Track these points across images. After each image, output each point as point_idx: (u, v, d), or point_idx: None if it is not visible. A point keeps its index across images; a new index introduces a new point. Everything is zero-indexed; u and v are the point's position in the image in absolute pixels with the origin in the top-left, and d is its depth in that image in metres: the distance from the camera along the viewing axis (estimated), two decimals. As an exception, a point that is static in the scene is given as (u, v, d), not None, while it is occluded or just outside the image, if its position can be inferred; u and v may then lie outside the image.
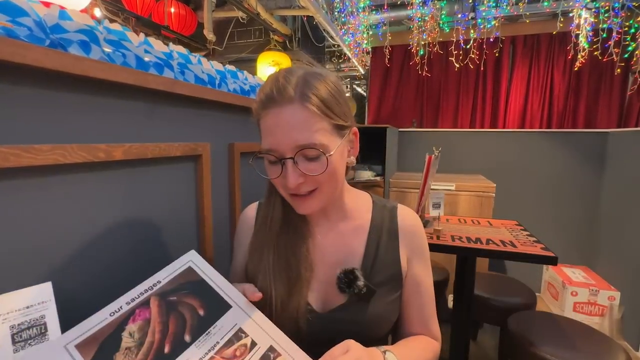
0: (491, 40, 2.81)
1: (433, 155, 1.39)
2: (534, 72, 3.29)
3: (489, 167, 2.80)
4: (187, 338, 0.43)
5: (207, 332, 0.45)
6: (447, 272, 1.97)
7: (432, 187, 1.92)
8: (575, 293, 2.20)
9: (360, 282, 0.55)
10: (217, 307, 0.48)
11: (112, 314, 0.43)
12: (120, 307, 0.43)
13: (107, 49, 0.58)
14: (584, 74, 3.11)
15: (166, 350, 0.41)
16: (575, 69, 2.71)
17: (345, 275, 0.53)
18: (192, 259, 0.52)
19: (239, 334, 0.46)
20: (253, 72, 1.06)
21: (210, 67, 0.86)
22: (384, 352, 0.51)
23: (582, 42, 2.51)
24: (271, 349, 0.46)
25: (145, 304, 0.45)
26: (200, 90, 0.70)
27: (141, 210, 0.62)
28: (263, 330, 0.47)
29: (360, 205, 0.65)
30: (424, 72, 3.22)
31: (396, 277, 0.60)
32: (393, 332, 0.66)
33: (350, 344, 0.45)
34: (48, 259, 0.47)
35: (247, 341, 0.45)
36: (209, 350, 0.43)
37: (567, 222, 2.64)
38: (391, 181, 2.46)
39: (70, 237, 0.49)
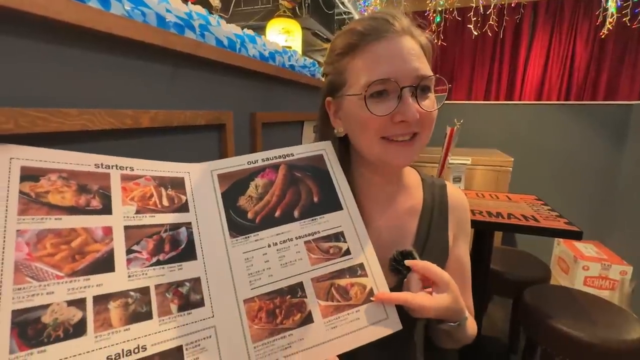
0: (512, 5, 2.63)
1: (455, 127, 1.34)
2: (555, 40, 3.12)
3: (504, 140, 2.73)
4: (295, 214, 0.47)
5: (313, 218, 0.48)
6: (461, 246, 1.96)
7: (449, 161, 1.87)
8: (587, 267, 2.20)
9: None
10: (331, 202, 0.50)
11: (249, 163, 0.49)
12: (257, 160, 0.49)
13: (127, 6, 0.54)
14: (609, 42, 2.93)
15: (276, 214, 0.46)
16: (602, 35, 2.55)
17: (404, 257, 0.49)
18: (326, 149, 0.54)
19: (339, 237, 0.47)
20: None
21: (229, 30, 0.81)
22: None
23: (612, 7, 2.34)
24: (361, 265, 0.46)
25: (275, 167, 0.50)
26: (225, 54, 0.66)
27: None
28: (361, 247, 0.48)
29: (412, 180, 0.62)
30: (440, 42, 3.07)
31: (443, 257, 0.58)
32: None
33: (452, 285, 0.44)
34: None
35: (343, 246, 0.47)
36: (309, 235, 0.46)
37: (581, 197, 2.60)
38: (404, 155, 2.41)
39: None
